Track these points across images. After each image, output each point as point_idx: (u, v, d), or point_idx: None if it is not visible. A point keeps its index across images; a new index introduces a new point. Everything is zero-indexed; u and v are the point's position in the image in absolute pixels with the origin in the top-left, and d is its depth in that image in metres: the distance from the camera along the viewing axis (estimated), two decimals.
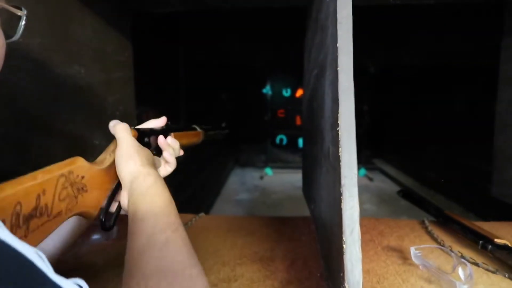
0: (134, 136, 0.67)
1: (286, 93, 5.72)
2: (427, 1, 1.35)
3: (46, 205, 0.46)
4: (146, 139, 0.72)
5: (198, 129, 0.95)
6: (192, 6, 1.36)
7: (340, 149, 0.54)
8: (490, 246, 0.85)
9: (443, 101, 4.19)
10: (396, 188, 5.11)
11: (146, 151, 0.63)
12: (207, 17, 3.19)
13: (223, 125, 1.20)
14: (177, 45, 3.07)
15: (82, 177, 0.53)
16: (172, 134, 0.82)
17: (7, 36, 0.48)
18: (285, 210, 4.29)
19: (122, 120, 0.81)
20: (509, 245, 0.84)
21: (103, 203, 0.59)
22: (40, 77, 0.94)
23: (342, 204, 0.52)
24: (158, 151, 0.77)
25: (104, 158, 0.60)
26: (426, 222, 1.08)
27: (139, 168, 0.57)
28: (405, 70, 4.81)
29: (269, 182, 5.36)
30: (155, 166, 0.63)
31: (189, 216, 1.13)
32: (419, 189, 4.67)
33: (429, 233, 1.01)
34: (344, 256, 0.51)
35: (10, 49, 0.48)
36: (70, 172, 0.51)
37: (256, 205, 4.47)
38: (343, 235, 0.51)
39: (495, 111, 1.36)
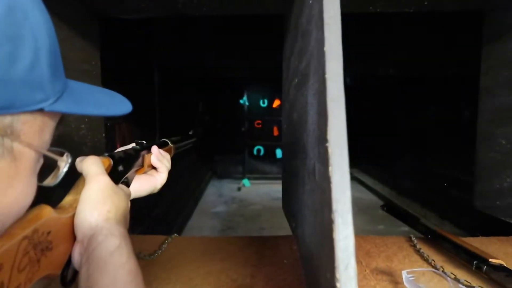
0: (108, 167, 0.58)
1: (263, 103, 5.67)
2: (406, 9, 1.31)
3: (1, 283, 0.36)
4: (120, 167, 0.63)
5: (170, 144, 0.89)
6: (163, 12, 1.28)
7: (330, 168, 0.47)
8: (485, 267, 0.79)
9: (418, 111, 4.23)
10: (373, 197, 5.12)
11: (119, 196, 0.53)
12: (183, 26, 3.11)
13: (190, 133, 1.13)
14: (151, 54, 2.98)
15: (48, 233, 0.43)
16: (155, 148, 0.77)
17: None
18: (263, 221, 4.22)
19: (88, 133, 0.71)
20: (505, 265, 0.79)
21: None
22: None
23: (334, 233, 0.45)
24: (128, 179, 0.69)
25: (73, 201, 0.50)
26: (414, 239, 1.02)
27: (101, 223, 0.48)
28: (381, 81, 4.85)
29: (246, 193, 5.27)
30: (125, 219, 0.53)
31: (161, 238, 1.04)
32: (395, 198, 4.69)
33: (418, 252, 0.95)
34: None
35: None
36: (35, 231, 0.41)
37: (233, 217, 4.38)
38: (336, 272, 0.44)
39: (476, 121, 1.32)
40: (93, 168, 0.52)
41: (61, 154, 0.43)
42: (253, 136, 5.73)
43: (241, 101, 5.47)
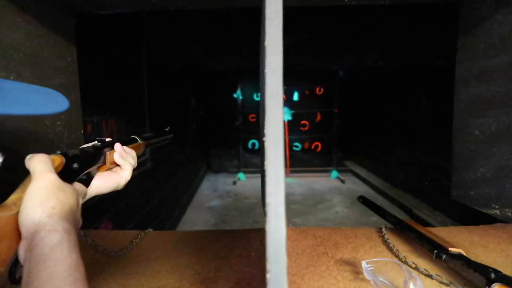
0: (59, 164, 0.58)
1: (257, 97, 5.66)
2: (382, 1, 1.31)
3: None
4: (75, 165, 0.64)
5: (139, 140, 0.89)
6: (138, 7, 1.28)
7: (266, 162, 0.48)
8: (444, 256, 0.81)
9: (410, 102, 4.23)
10: (367, 189, 5.14)
11: (66, 193, 0.54)
12: (173, 20, 3.10)
13: (167, 129, 1.13)
14: (140, 49, 2.97)
15: None
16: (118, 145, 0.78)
17: None
18: (257, 215, 4.24)
19: (65, 130, 0.72)
20: (464, 254, 0.80)
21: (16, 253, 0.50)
22: None
23: (266, 225, 0.46)
24: (89, 176, 0.70)
25: (18, 199, 0.51)
26: (384, 230, 1.04)
27: (45, 219, 0.48)
28: (372, 72, 4.85)
29: (241, 187, 5.29)
30: (71, 215, 0.53)
31: (135, 233, 1.05)
32: (388, 189, 4.71)
33: (386, 243, 0.96)
34: (268, 287, 0.44)
35: None
36: None
37: (228, 211, 4.40)
38: (267, 263, 0.45)
39: (453, 112, 1.33)
40: (40, 165, 0.53)
41: None
42: (248, 130, 5.73)
43: (235, 95, 5.47)
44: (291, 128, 5.68)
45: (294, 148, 5.87)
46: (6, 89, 0.44)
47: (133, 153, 0.81)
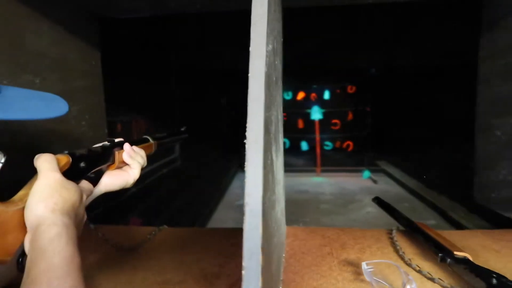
0: (65, 163, 0.63)
1: (287, 96, 5.67)
2: None
3: None
4: (82, 164, 0.68)
5: (151, 140, 0.93)
6: (157, 11, 1.33)
7: (246, 163, 0.49)
8: (449, 260, 0.79)
9: (443, 100, 4.09)
10: (400, 190, 5.01)
11: (69, 190, 0.57)
12: (200, 21, 3.16)
13: (183, 129, 1.17)
14: (169, 51, 3.05)
15: None
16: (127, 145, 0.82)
17: None
18: (286, 214, 4.22)
19: (89, 129, 0.77)
20: (469, 258, 0.78)
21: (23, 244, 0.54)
22: None
23: (244, 224, 0.48)
24: (97, 174, 0.74)
25: (24, 195, 0.55)
26: (394, 232, 1.02)
27: (47, 214, 0.52)
28: (405, 70, 4.73)
29: None
30: (73, 211, 0.57)
31: (150, 229, 1.09)
32: (422, 190, 4.57)
33: (394, 245, 0.95)
34: (242, 284, 0.46)
35: None
36: None
37: None
38: (243, 260, 0.47)
39: (475, 112, 1.29)
40: (44, 164, 0.57)
41: None
42: None
43: None
44: (322, 127, 5.62)
45: (325, 147, 5.81)
46: (7, 96, 0.49)
47: (142, 152, 0.85)
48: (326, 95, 5.60)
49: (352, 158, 5.79)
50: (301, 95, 5.63)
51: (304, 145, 5.81)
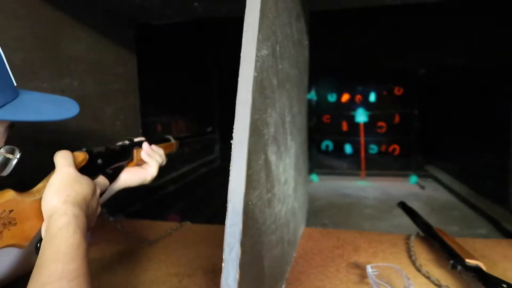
0: (83, 160, 0.69)
1: (332, 98, 5.59)
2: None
3: None
4: (99, 160, 0.74)
5: (172, 140, 0.98)
6: (186, 17, 1.39)
7: (231, 162, 0.52)
8: (459, 267, 0.77)
9: (496, 102, 3.85)
10: (450, 197, 4.78)
11: (82, 184, 0.63)
12: (240, 24, 3.22)
13: (209, 129, 1.21)
14: (209, 53, 3.13)
15: (10, 211, 0.55)
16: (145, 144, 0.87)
17: None
18: (326, 217, 4.19)
19: (123, 129, 0.83)
20: (481, 267, 0.75)
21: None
22: None
23: (226, 220, 0.50)
24: (115, 171, 0.80)
25: (42, 187, 0.61)
26: (412, 237, 1.00)
27: (59, 205, 0.58)
28: (455, 72, 4.50)
29: (313, 188, 5.26)
30: (84, 203, 0.63)
31: (172, 224, 1.15)
32: (474, 198, 4.33)
33: (408, 250, 0.94)
34: (222, 275, 0.49)
35: None
36: None
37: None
38: (223, 254, 0.49)
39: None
40: (61, 160, 0.64)
41: (13, 151, 0.55)
42: (321, 131, 5.68)
43: (309, 96, 5.45)
44: (367, 129, 5.51)
45: (370, 151, 5.67)
46: (23, 100, 0.55)
47: (160, 151, 0.90)
48: (372, 97, 5.46)
49: (398, 162, 5.60)
50: (345, 97, 5.53)
51: (348, 148, 5.71)
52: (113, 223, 0.90)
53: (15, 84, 0.56)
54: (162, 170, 0.90)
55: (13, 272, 0.71)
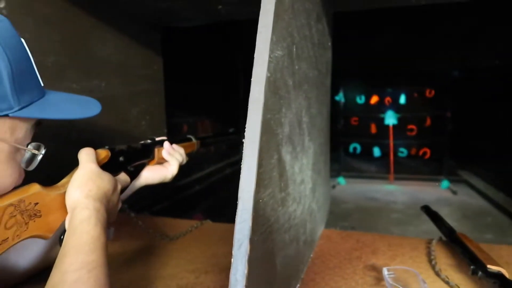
0: (105, 157, 0.73)
1: (360, 100, 5.51)
2: None
3: None
4: (121, 158, 0.78)
5: (193, 140, 1.01)
6: (212, 19, 1.41)
7: (242, 160, 0.53)
8: (480, 273, 0.75)
9: None
10: (484, 203, 4.61)
11: (103, 179, 0.66)
12: None
13: (231, 130, 1.23)
14: (236, 53, 3.16)
15: (36, 204, 0.59)
16: (166, 143, 0.90)
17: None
18: (353, 221, 4.14)
19: (149, 129, 0.86)
20: (504, 273, 0.73)
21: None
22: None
23: (236, 216, 0.51)
24: (137, 168, 0.84)
25: (66, 182, 0.65)
26: (434, 241, 0.98)
27: (81, 199, 0.61)
28: (490, 73, 4.34)
29: (340, 191, 5.20)
30: (105, 198, 0.65)
31: (193, 222, 1.18)
32: (510, 205, 4.17)
33: (429, 254, 0.92)
34: (231, 271, 0.50)
35: None
36: (21, 201, 0.56)
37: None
38: (233, 249, 0.50)
39: None
40: (84, 157, 0.67)
41: (39, 147, 0.58)
42: (349, 134, 5.61)
43: (336, 98, 5.40)
44: (397, 132, 5.38)
45: (399, 154, 5.54)
46: (49, 99, 0.58)
47: (181, 150, 0.93)
48: (402, 99, 5.34)
49: (429, 167, 5.45)
50: (374, 99, 5.44)
51: (376, 151, 5.61)
52: (134, 219, 0.93)
53: (42, 84, 0.59)
54: (188, 169, 0.93)
55: (40, 262, 0.75)
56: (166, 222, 1.17)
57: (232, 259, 0.50)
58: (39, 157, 0.58)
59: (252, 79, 0.56)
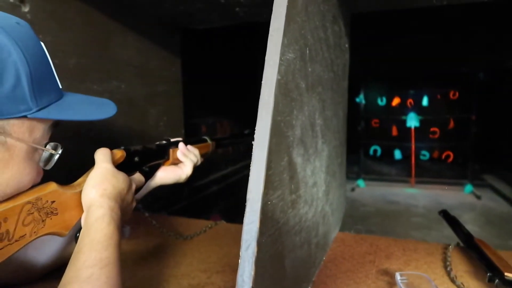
0: (120, 157, 0.75)
1: (381, 102, 5.43)
2: None
3: (7, 230, 0.53)
4: (136, 158, 0.79)
5: (209, 141, 1.02)
6: (230, 21, 1.42)
7: (252, 162, 0.54)
8: (497, 280, 0.73)
9: None
10: (509, 208, 4.48)
11: (118, 179, 0.68)
12: None
13: (246, 132, 1.23)
14: (256, 55, 3.16)
15: (52, 202, 0.61)
16: (181, 144, 0.92)
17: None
18: (373, 224, 4.10)
19: (167, 129, 0.87)
20: None
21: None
22: (76, 92, 1.09)
23: (244, 218, 0.52)
24: (152, 168, 0.85)
25: (83, 181, 0.67)
26: (451, 247, 0.96)
27: (96, 198, 0.63)
28: None
29: (360, 194, 5.15)
30: (119, 197, 0.67)
31: (207, 223, 1.19)
32: None
33: (444, 260, 0.90)
34: (238, 271, 0.51)
35: None
36: (38, 199, 0.58)
37: (343, 217, 4.34)
38: (240, 251, 0.51)
39: None
40: (100, 157, 0.69)
41: (56, 147, 0.60)
42: (370, 136, 5.54)
43: (357, 99, 5.35)
44: (419, 135, 5.28)
45: (421, 157, 5.44)
46: (67, 101, 0.60)
47: (196, 151, 0.94)
48: (425, 101, 5.24)
49: (452, 170, 5.33)
50: (396, 101, 5.35)
51: (397, 154, 5.52)
52: (148, 219, 0.94)
53: (60, 86, 0.61)
54: (206, 170, 0.94)
55: (58, 259, 0.77)
56: (182, 222, 1.19)
57: (239, 260, 0.51)
58: (56, 157, 0.60)
59: (262, 82, 0.57)
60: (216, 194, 2.61)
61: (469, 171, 5.11)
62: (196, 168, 0.94)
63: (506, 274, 0.73)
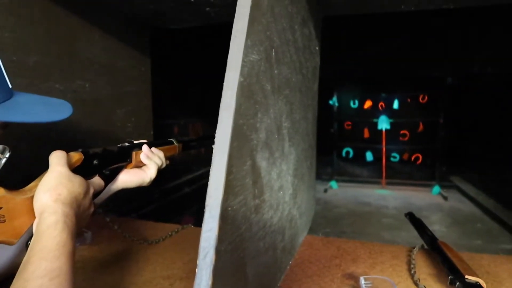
0: (77, 160, 0.71)
1: (354, 104, 5.52)
2: (445, 5, 1.23)
3: None
4: (95, 161, 0.76)
5: (175, 143, 0.99)
6: (200, 21, 1.40)
7: (211, 167, 0.52)
8: (458, 283, 0.74)
9: None
10: (474, 209, 4.62)
11: (74, 183, 0.64)
12: None
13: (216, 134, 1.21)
14: (227, 55, 3.14)
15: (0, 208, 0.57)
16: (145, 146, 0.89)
17: None
18: (345, 225, 4.14)
19: (135, 131, 0.83)
20: (482, 284, 0.72)
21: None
22: (36, 92, 1.04)
23: (202, 225, 0.50)
24: (113, 172, 0.82)
25: (35, 185, 0.63)
26: (415, 250, 0.97)
27: (49, 203, 0.59)
28: (483, 80, 4.37)
29: (332, 195, 5.20)
30: (75, 202, 0.64)
31: (174, 226, 1.16)
32: (501, 211, 4.18)
33: (409, 263, 0.91)
34: (195, 281, 0.49)
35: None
36: None
37: (316, 218, 4.36)
38: (198, 259, 0.49)
39: None
40: (54, 160, 0.65)
41: (3, 151, 0.57)
42: (343, 138, 5.61)
43: (330, 102, 5.41)
44: (389, 137, 5.39)
45: (392, 159, 5.55)
46: (17, 101, 0.57)
47: (160, 154, 0.91)
48: (395, 104, 5.35)
49: (421, 172, 5.46)
50: (368, 104, 5.45)
51: (369, 156, 5.61)
52: (110, 224, 0.91)
53: (9, 85, 0.57)
54: (178, 172, 0.91)
55: (8, 268, 0.73)
56: (148, 226, 1.16)
57: (196, 269, 0.49)
58: (3, 161, 0.57)
59: (224, 84, 0.55)
60: (188, 196, 2.58)
61: (437, 172, 5.25)
62: (166, 170, 0.92)
63: (466, 276, 0.75)
